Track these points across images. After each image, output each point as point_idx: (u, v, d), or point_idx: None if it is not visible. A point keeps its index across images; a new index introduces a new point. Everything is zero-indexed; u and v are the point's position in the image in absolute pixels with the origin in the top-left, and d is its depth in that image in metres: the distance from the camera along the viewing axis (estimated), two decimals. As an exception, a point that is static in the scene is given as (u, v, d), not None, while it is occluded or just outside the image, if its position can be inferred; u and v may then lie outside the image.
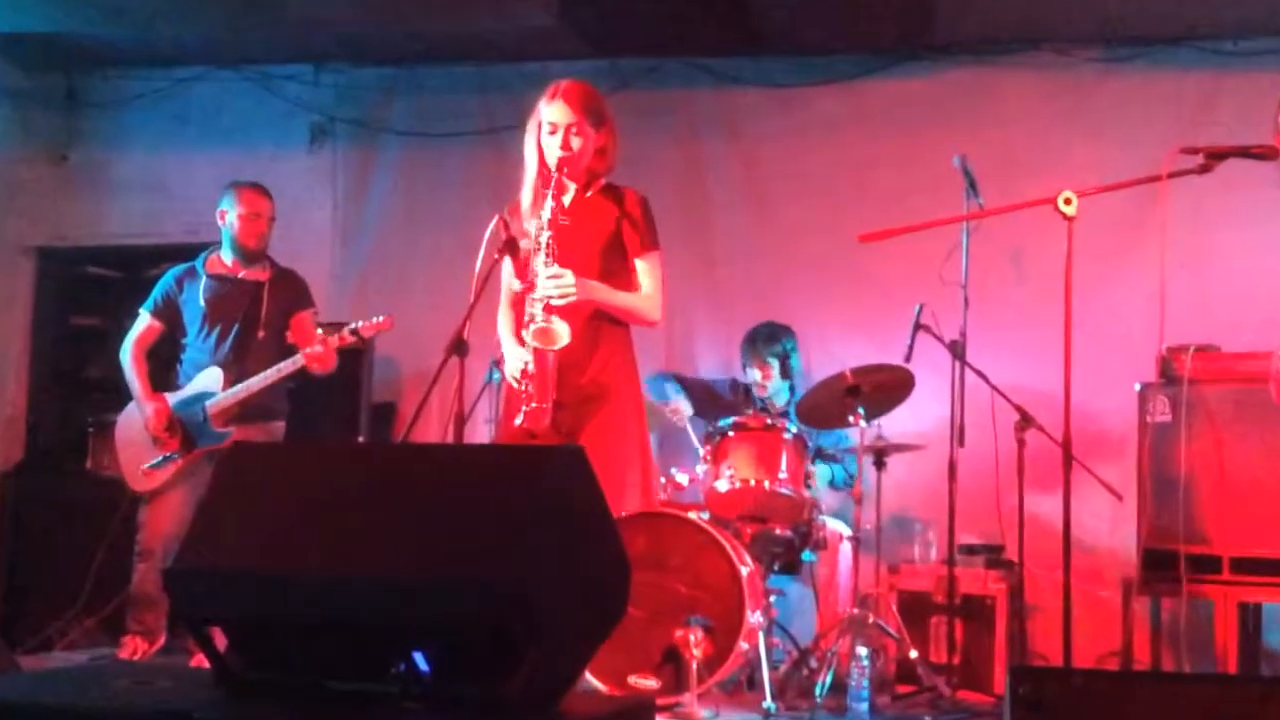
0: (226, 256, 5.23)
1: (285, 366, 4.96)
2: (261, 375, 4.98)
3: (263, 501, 2.47)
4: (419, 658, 2.30)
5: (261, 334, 5.11)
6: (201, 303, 5.14)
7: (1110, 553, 5.35)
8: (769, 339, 5.67)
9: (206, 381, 5.06)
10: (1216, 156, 3.46)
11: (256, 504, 2.47)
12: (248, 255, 5.20)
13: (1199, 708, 2.20)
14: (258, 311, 5.14)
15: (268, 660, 2.43)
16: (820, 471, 5.43)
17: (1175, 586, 4.68)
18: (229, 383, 5.02)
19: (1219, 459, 4.69)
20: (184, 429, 5.02)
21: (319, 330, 5.08)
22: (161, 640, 5.06)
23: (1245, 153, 3.48)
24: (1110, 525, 5.21)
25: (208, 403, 5.01)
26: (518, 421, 3.67)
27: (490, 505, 2.34)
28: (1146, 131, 5.22)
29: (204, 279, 5.18)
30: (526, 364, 3.66)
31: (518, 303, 3.78)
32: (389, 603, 2.26)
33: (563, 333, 3.58)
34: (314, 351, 4.88)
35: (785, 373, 5.72)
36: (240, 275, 5.21)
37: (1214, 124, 4.81)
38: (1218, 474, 4.69)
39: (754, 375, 5.69)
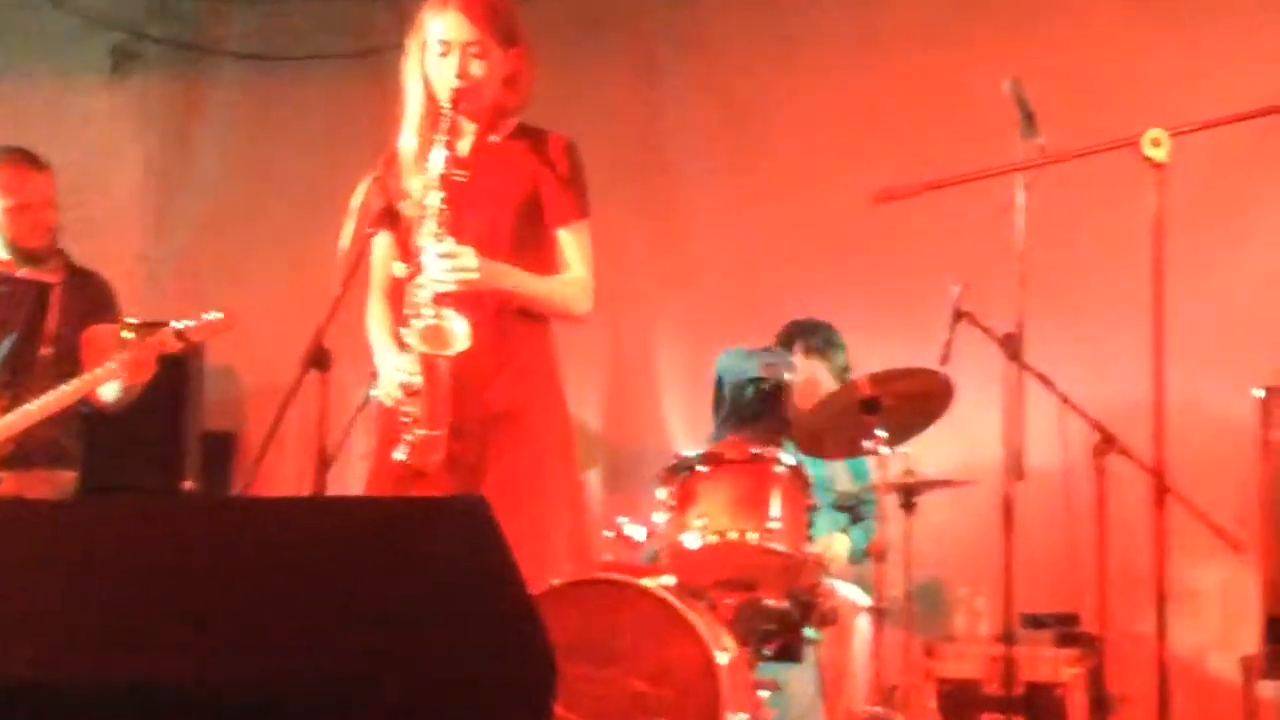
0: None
1: (78, 385, 4.92)
2: (41, 401, 4.94)
3: (30, 583, 2.42)
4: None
5: (45, 350, 5.10)
6: None
7: (1227, 620, 5.42)
8: (828, 341, 5.68)
9: None
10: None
11: (20, 587, 2.42)
12: (26, 255, 5.18)
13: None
14: (41, 322, 5.12)
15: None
16: (838, 542, 5.45)
17: (1313, 666, 4.74)
18: (0, 411, 4.99)
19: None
20: None
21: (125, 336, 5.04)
22: None
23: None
24: (1226, 583, 5.26)
25: None
26: (398, 455, 3.64)
27: (353, 584, 2.33)
28: (1266, 45, 5.24)
29: None
30: (410, 376, 3.62)
31: (397, 293, 3.76)
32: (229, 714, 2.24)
33: (459, 332, 3.56)
34: (122, 359, 4.83)
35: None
36: (19, 275, 5.20)
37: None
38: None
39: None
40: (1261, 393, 4.91)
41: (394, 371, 3.71)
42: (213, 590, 2.37)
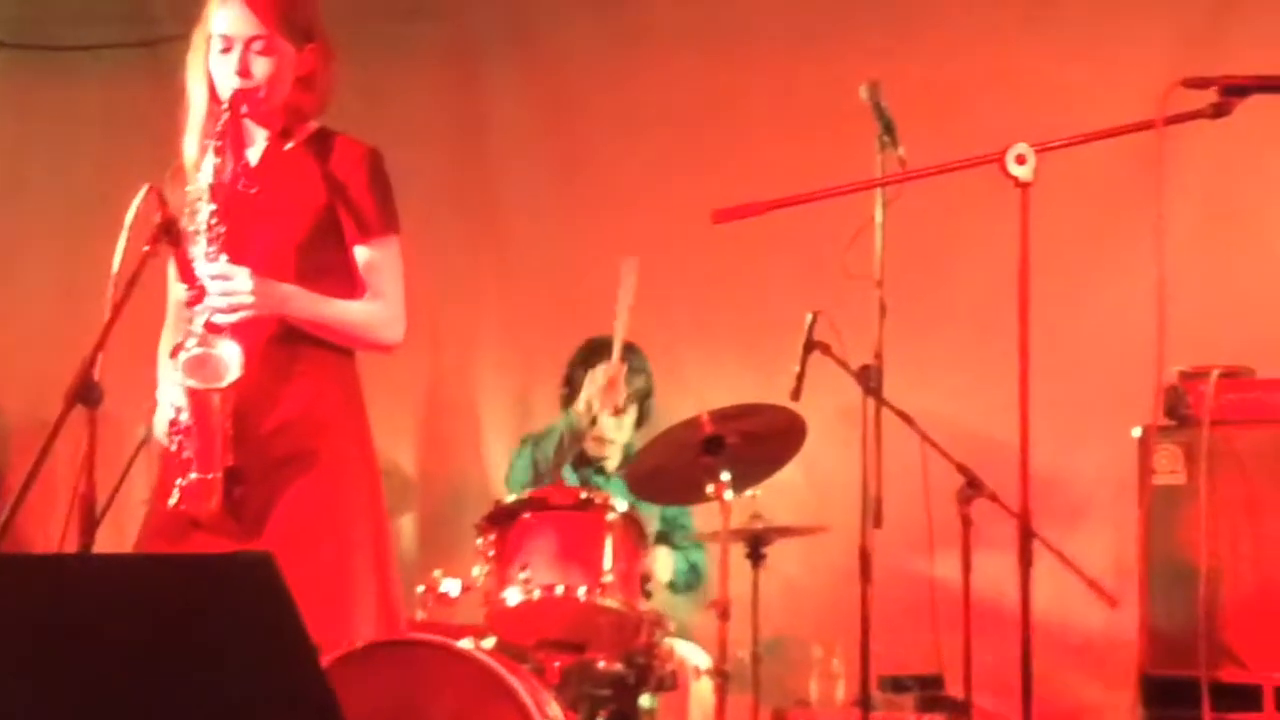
0: None
1: None
2: None
3: None
4: None
5: None
6: None
7: (1101, 682, 5.51)
8: (628, 365, 5.70)
9: None
10: (1236, 91, 3.55)
11: None
12: None
13: None
14: None
15: None
16: (659, 558, 5.47)
17: (1196, 731, 4.83)
18: None
19: (1256, 538, 4.86)
20: None
21: None
22: None
23: (1273, 85, 3.59)
24: (1100, 642, 5.34)
25: None
26: (173, 502, 3.60)
27: (117, 654, 2.31)
28: (1141, 52, 5.37)
29: None
30: (179, 412, 3.59)
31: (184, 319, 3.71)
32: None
33: (229, 362, 3.52)
34: None
35: (641, 420, 5.75)
36: None
37: (1232, 43, 4.97)
38: (1255, 560, 4.86)
39: (605, 426, 5.71)
40: (1138, 432, 5.01)
41: (165, 406, 3.67)
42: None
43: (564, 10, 6.28)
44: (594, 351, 5.72)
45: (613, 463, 5.80)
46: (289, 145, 3.81)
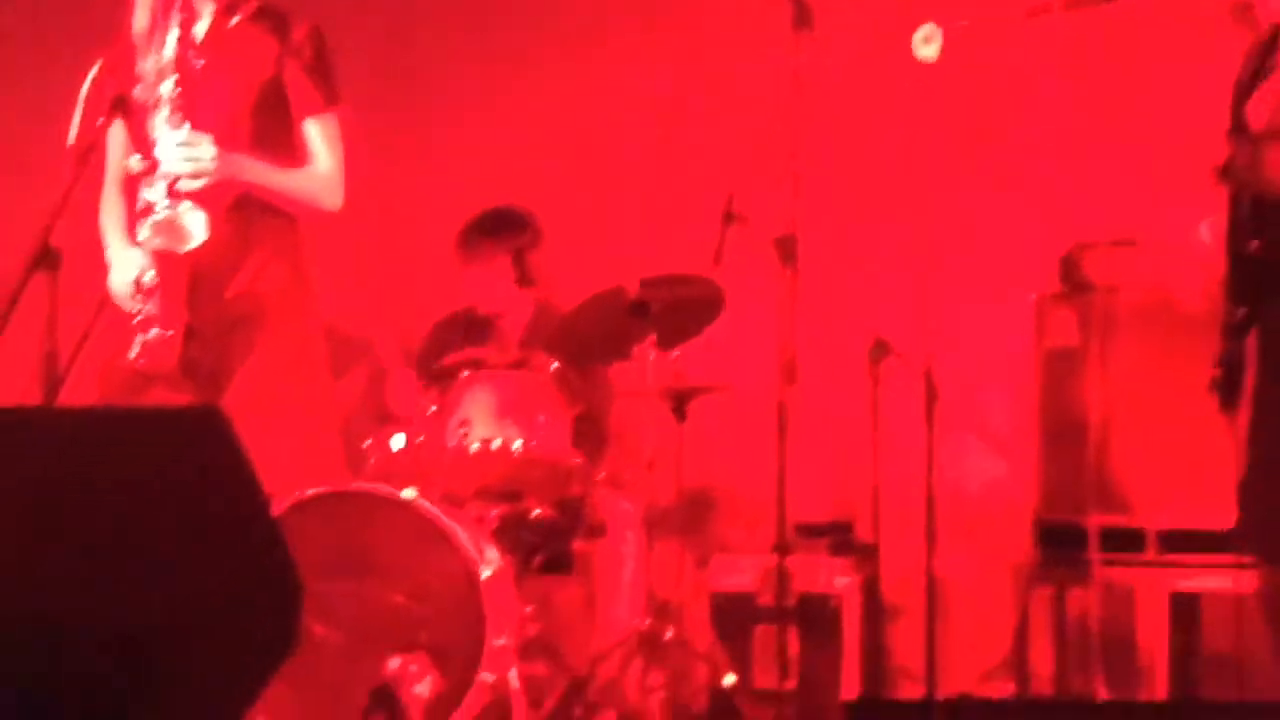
0: None
1: None
2: None
3: None
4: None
5: None
6: None
7: (998, 528, 5.52)
8: (496, 224, 5.63)
9: None
10: (1127, -23, 3.55)
11: None
12: None
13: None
14: None
15: None
16: None
17: (1084, 571, 4.87)
18: None
19: (1141, 395, 4.89)
20: None
21: None
22: None
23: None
24: (997, 490, 5.38)
25: None
26: (133, 356, 3.58)
27: (78, 501, 2.28)
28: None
29: None
30: (142, 272, 3.56)
31: (131, 186, 3.67)
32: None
33: (195, 227, 3.51)
34: None
35: (523, 278, 5.69)
36: None
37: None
38: (1140, 416, 4.89)
39: (475, 275, 5.66)
40: (1034, 298, 5.02)
41: (127, 268, 3.63)
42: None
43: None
44: (470, 232, 5.62)
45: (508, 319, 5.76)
46: (235, 20, 3.73)
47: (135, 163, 3.63)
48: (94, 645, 2.18)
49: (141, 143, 3.58)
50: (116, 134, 3.71)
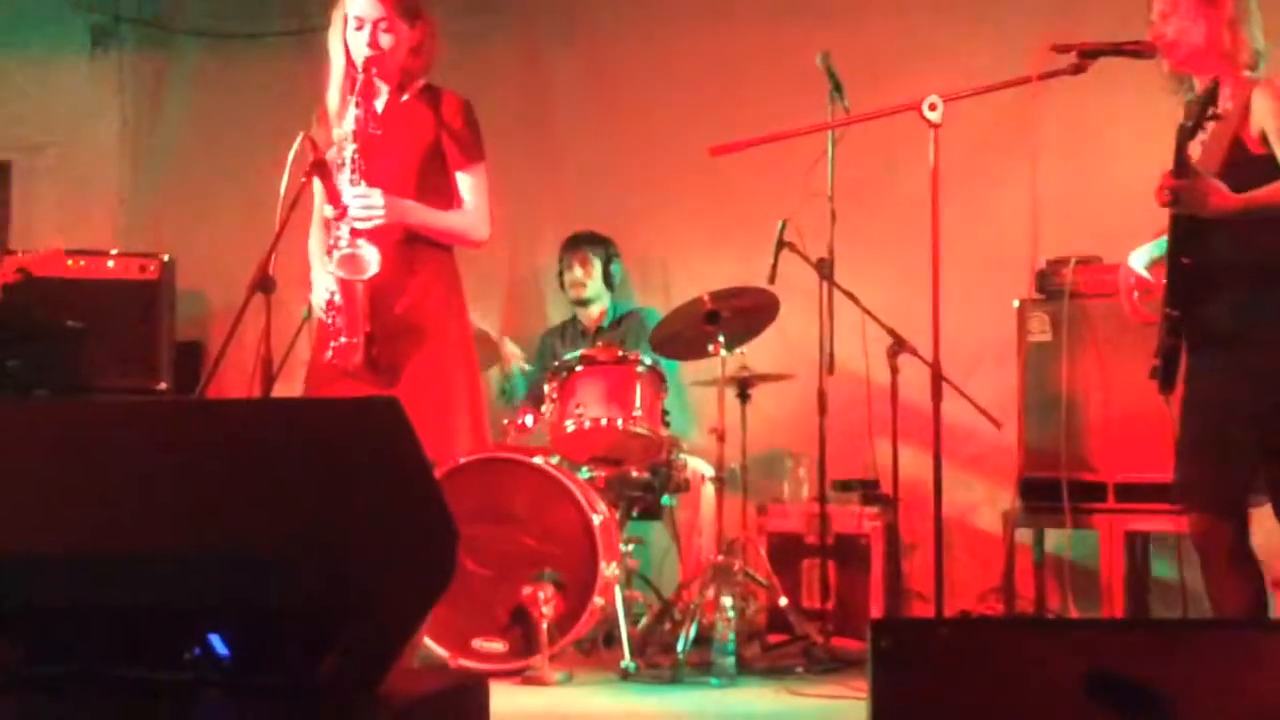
0: None
1: None
2: None
3: (29, 471, 2.35)
4: (216, 641, 2.24)
5: None
6: None
7: (991, 483, 5.48)
8: (590, 239, 5.73)
9: None
10: (1090, 55, 3.49)
11: (20, 474, 2.35)
12: None
13: (1077, 657, 2.24)
14: None
15: (43, 651, 2.34)
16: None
17: (1058, 516, 4.83)
18: None
19: (1102, 379, 4.84)
20: None
21: None
22: None
23: (1119, 50, 3.52)
24: (990, 454, 5.31)
25: None
26: (328, 357, 3.59)
27: (290, 469, 2.28)
28: (1023, 27, 5.25)
29: None
30: (332, 294, 3.58)
31: (327, 227, 3.68)
32: (176, 581, 2.19)
33: (371, 260, 3.50)
34: None
35: (607, 279, 5.73)
36: None
37: (1092, 18, 4.85)
38: (1101, 395, 4.84)
39: (574, 275, 5.73)
40: (1017, 303, 4.99)
41: (321, 290, 3.66)
42: (177, 475, 2.31)
43: (603, 3, 6.17)
44: (573, 241, 5.75)
45: (595, 308, 5.77)
46: (405, 97, 3.73)
47: (328, 210, 3.64)
48: (314, 578, 2.19)
49: (333, 194, 3.58)
50: (317, 188, 3.72)
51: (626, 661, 4.52)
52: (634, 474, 5.00)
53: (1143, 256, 3.73)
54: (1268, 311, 3.44)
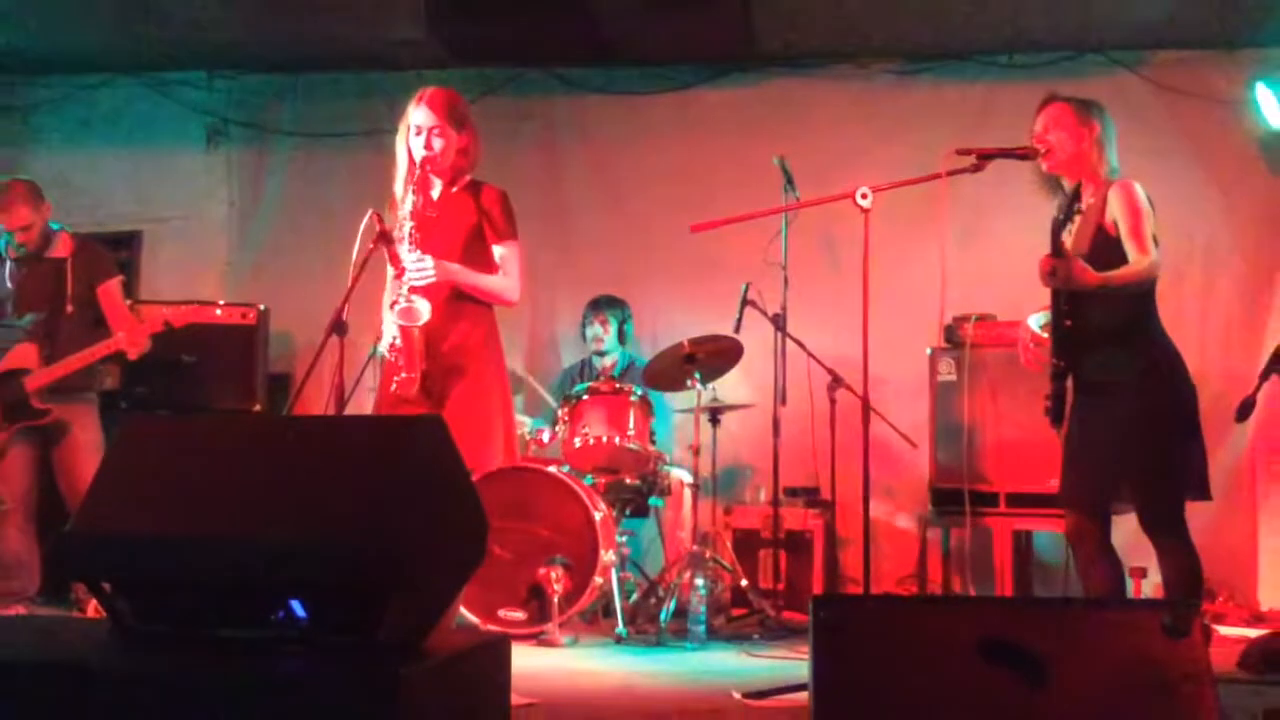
0: None
1: (99, 349, 4.59)
2: (81, 354, 4.60)
3: (155, 470, 2.36)
4: (296, 606, 2.24)
5: (70, 309, 4.71)
6: (9, 284, 4.76)
7: (908, 491, 5.48)
8: (610, 302, 5.71)
9: (19, 358, 4.65)
10: (986, 157, 3.52)
11: (149, 472, 2.36)
12: (35, 251, 4.78)
13: (973, 627, 2.25)
14: (63, 288, 4.72)
15: (159, 612, 2.33)
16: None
17: (961, 519, 4.83)
18: (42, 359, 4.63)
19: (995, 411, 4.86)
20: (3, 404, 4.62)
21: (128, 301, 4.82)
22: (32, 593, 4.67)
23: (1009, 154, 3.55)
24: (908, 469, 5.32)
25: (24, 378, 4.61)
26: (392, 388, 3.58)
27: (357, 471, 2.28)
28: (934, 135, 5.29)
29: (7, 263, 4.79)
30: (394, 338, 3.57)
31: (393, 285, 3.68)
32: (264, 559, 2.19)
33: (424, 311, 3.50)
34: (120, 338, 4.59)
35: (621, 336, 5.73)
36: (42, 254, 4.79)
37: (990, 128, 4.90)
38: (994, 423, 4.86)
39: (595, 331, 5.69)
40: (929, 350, 5.00)
41: (387, 335, 3.65)
42: (268, 476, 2.33)
43: (609, 115, 6.17)
44: (595, 303, 5.71)
45: (609, 359, 5.70)
46: (454, 189, 3.74)
47: (392, 272, 3.65)
48: (374, 558, 2.18)
49: (395, 260, 3.59)
50: (386, 255, 3.71)
51: (620, 629, 4.51)
52: (628, 481, 5.00)
53: (1038, 319, 3.74)
54: (1125, 366, 3.45)
